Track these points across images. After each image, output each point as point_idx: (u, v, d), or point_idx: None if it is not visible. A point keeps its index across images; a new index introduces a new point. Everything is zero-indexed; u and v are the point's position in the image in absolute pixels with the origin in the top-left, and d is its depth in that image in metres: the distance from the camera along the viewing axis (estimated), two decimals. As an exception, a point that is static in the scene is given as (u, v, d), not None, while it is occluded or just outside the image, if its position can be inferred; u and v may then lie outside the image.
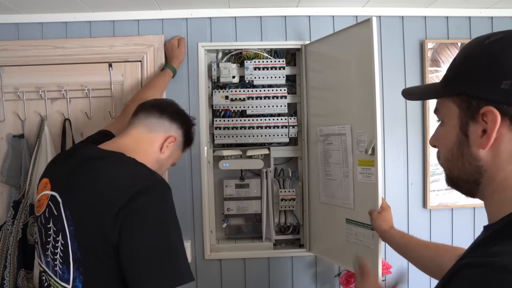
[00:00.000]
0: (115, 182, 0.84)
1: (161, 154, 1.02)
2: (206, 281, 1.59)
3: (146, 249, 0.80)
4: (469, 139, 0.54)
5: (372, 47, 1.15)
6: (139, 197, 0.81)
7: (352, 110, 1.29)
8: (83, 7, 1.47)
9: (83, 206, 0.83)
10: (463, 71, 0.55)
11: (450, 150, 0.57)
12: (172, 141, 1.03)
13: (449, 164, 0.59)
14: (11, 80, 1.51)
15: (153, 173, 0.90)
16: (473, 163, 0.54)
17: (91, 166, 0.88)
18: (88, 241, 0.81)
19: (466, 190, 0.59)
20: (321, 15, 1.58)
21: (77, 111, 1.54)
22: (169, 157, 1.05)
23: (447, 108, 0.57)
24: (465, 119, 0.54)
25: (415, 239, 1.03)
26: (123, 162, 0.90)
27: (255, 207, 1.61)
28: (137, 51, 1.53)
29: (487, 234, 0.53)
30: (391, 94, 1.60)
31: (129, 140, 0.99)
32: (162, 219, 0.83)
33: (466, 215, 1.63)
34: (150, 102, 1.08)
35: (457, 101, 0.55)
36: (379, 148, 1.17)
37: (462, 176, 0.57)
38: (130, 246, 0.79)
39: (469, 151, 0.54)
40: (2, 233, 1.39)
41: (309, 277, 1.63)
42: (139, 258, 0.79)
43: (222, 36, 1.57)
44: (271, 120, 1.58)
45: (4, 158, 1.50)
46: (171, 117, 1.04)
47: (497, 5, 1.56)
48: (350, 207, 1.30)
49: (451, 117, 0.56)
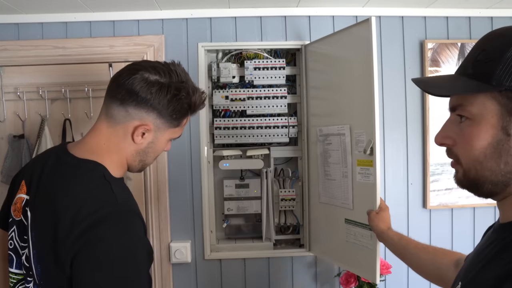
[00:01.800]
0: (75, 205, 0.74)
1: (139, 144, 0.86)
2: (206, 281, 1.59)
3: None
4: (511, 138, 0.52)
5: (371, 47, 1.15)
6: (95, 228, 0.72)
7: (351, 110, 1.29)
8: (83, 7, 1.47)
9: (44, 228, 0.76)
10: (507, 63, 0.51)
11: (484, 151, 0.54)
12: (145, 130, 0.85)
13: (477, 165, 0.55)
14: (12, 80, 1.51)
15: (118, 196, 0.78)
16: (511, 163, 0.52)
17: (58, 178, 0.80)
18: (47, 267, 0.75)
19: (488, 192, 0.56)
20: (321, 15, 1.58)
21: (77, 111, 1.54)
22: (154, 143, 0.89)
23: (482, 104, 0.53)
24: (509, 117, 0.51)
25: (413, 242, 1.01)
26: (90, 178, 0.79)
27: (255, 207, 1.61)
28: (137, 51, 1.53)
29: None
30: (391, 94, 1.60)
31: (100, 137, 0.85)
32: (119, 259, 0.72)
33: (466, 215, 1.64)
34: (112, 78, 0.88)
35: (498, 97, 0.52)
36: (378, 148, 1.17)
37: (492, 178, 0.54)
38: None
39: (510, 150, 0.52)
40: (2, 233, 1.39)
41: (309, 277, 1.63)
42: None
43: (222, 36, 1.57)
44: (271, 120, 1.58)
45: (4, 158, 1.51)
46: (133, 102, 0.82)
47: (497, 5, 1.56)
48: (349, 207, 1.30)
49: (488, 115, 0.53)
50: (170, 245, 1.55)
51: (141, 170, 0.95)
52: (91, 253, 0.71)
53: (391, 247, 1.06)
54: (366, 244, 1.21)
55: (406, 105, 1.61)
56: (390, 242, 1.06)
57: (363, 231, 1.22)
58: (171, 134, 0.92)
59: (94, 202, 0.75)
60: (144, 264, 0.76)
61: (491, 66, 0.52)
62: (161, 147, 0.92)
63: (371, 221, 1.14)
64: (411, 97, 1.61)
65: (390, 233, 1.07)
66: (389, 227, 1.10)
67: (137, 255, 0.75)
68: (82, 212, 0.73)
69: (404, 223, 1.62)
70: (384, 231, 1.09)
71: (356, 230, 1.26)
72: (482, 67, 0.54)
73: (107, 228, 0.73)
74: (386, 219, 1.12)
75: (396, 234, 1.06)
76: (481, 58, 0.54)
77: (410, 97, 1.61)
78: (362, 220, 1.22)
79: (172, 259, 1.55)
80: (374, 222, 1.12)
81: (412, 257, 0.99)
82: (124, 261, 0.73)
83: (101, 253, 0.71)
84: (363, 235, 1.22)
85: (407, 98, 1.61)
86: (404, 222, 1.62)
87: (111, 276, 0.71)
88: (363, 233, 1.22)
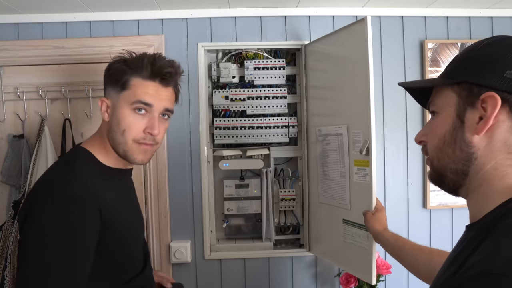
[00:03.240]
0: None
1: (105, 121, 0.92)
2: (206, 281, 1.59)
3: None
4: (464, 125, 0.55)
5: (366, 46, 1.15)
6: (24, 207, 0.77)
7: (348, 110, 1.29)
8: (83, 7, 1.47)
9: None
10: (466, 62, 0.57)
11: (442, 138, 0.58)
12: (104, 106, 0.90)
13: (438, 153, 0.59)
14: (11, 80, 1.51)
15: (49, 177, 0.82)
16: (465, 150, 0.55)
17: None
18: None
19: (452, 183, 0.59)
20: (321, 15, 1.58)
21: (77, 111, 1.54)
22: (119, 122, 0.88)
23: (445, 97, 0.59)
24: (463, 106, 0.55)
25: (409, 243, 1.01)
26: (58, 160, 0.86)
27: (255, 207, 1.61)
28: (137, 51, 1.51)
29: (473, 234, 0.53)
30: (391, 95, 1.60)
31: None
32: (32, 240, 0.74)
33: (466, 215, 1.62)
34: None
35: (457, 89, 0.57)
36: (374, 148, 1.17)
37: (451, 165, 0.57)
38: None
39: (463, 136, 0.55)
40: (2, 233, 1.39)
41: (309, 277, 1.63)
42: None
43: (222, 36, 1.57)
44: (271, 120, 1.58)
45: (4, 158, 1.51)
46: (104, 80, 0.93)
47: (497, 5, 1.56)
48: (346, 207, 1.30)
49: (447, 105, 0.58)
50: (170, 245, 1.55)
51: (124, 156, 0.91)
52: (21, 232, 0.79)
53: (387, 248, 1.05)
54: (363, 244, 1.20)
55: (406, 105, 1.61)
56: (386, 243, 1.05)
57: (360, 232, 1.22)
58: (125, 99, 0.88)
59: (38, 180, 0.88)
60: (56, 247, 0.75)
61: (453, 64, 0.60)
62: (125, 121, 0.88)
63: (367, 222, 1.13)
64: (411, 97, 1.60)
65: (386, 234, 1.07)
66: (385, 228, 1.10)
67: (49, 237, 0.75)
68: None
69: (404, 223, 1.62)
70: (380, 232, 1.08)
71: (353, 230, 1.25)
72: (447, 67, 0.61)
73: (32, 208, 0.80)
74: (382, 220, 1.12)
75: (393, 236, 1.05)
76: (450, 63, 0.61)
77: (410, 97, 1.58)
78: (359, 220, 1.21)
79: (172, 259, 1.55)
80: (370, 223, 1.12)
81: (408, 258, 0.98)
82: (33, 243, 0.76)
83: (24, 231, 0.79)
84: (360, 235, 1.22)
85: (407, 98, 1.61)
86: (404, 222, 1.62)
87: (22, 256, 0.76)
88: (360, 233, 1.22)
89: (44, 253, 0.73)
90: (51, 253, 0.73)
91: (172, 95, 0.95)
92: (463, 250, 0.53)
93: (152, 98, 0.88)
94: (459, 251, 0.55)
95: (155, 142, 0.91)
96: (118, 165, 0.94)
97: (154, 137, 0.90)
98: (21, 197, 1.42)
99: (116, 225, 0.87)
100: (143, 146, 0.90)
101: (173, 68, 0.91)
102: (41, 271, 0.72)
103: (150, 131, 0.88)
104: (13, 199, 1.45)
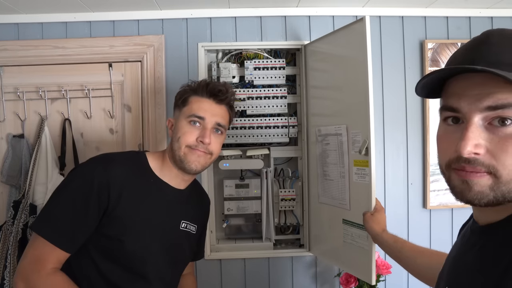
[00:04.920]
0: None
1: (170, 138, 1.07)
2: (206, 281, 1.59)
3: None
4: None
5: (365, 46, 1.15)
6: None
7: (348, 110, 1.28)
8: (83, 7, 1.47)
9: None
10: None
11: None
12: (170, 124, 1.08)
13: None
14: (11, 80, 1.51)
15: (90, 159, 0.99)
16: None
17: None
18: None
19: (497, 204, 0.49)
20: (321, 15, 1.58)
21: (77, 111, 1.54)
22: (177, 132, 1.03)
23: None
24: None
25: (409, 245, 0.99)
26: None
27: (255, 207, 1.61)
28: (137, 51, 1.53)
29: (501, 241, 0.49)
30: (391, 95, 1.60)
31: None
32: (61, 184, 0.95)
33: (466, 215, 1.61)
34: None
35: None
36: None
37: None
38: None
39: None
40: (2, 233, 1.39)
41: (309, 277, 1.63)
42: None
43: (222, 36, 1.57)
44: (271, 120, 1.58)
45: (4, 158, 1.51)
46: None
47: (497, 5, 1.56)
48: (346, 207, 1.29)
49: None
50: (170, 245, 1.55)
51: (180, 162, 1.01)
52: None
53: (386, 250, 1.04)
54: (363, 245, 1.20)
55: (406, 105, 1.61)
56: (384, 244, 1.04)
57: (360, 232, 1.21)
58: (184, 114, 1.03)
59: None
60: (68, 189, 0.93)
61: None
62: (180, 128, 1.02)
63: (366, 222, 1.12)
64: (411, 97, 1.60)
65: (384, 235, 1.05)
66: (384, 229, 1.08)
67: (67, 183, 0.94)
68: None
69: (404, 223, 1.62)
70: (378, 234, 1.06)
71: (352, 230, 1.25)
72: (506, 56, 0.47)
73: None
74: (381, 221, 1.10)
75: (391, 237, 1.04)
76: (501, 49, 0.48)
77: (410, 97, 1.61)
78: (359, 220, 1.21)
79: (172, 259, 1.55)
80: (369, 224, 1.10)
81: (408, 260, 0.96)
82: (61, 185, 0.95)
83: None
84: (359, 235, 1.22)
85: (407, 98, 1.61)
86: (404, 222, 1.62)
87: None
88: (359, 233, 1.22)
89: (59, 188, 0.94)
90: (62, 189, 0.94)
91: (226, 112, 1.06)
92: (485, 259, 0.48)
93: (205, 112, 1.00)
94: (481, 262, 0.50)
95: (208, 151, 1.01)
96: (169, 181, 1.04)
97: (206, 146, 0.99)
98: (21, 197, 1.42)
99: (125, 218, 0.94)
100: (195, 151, 0.99)
101: (224, 87, 1.04)
102: (52, 201, 0.93)
103: (201, 139, 0.99)
104: (13, 199, 1.45)
